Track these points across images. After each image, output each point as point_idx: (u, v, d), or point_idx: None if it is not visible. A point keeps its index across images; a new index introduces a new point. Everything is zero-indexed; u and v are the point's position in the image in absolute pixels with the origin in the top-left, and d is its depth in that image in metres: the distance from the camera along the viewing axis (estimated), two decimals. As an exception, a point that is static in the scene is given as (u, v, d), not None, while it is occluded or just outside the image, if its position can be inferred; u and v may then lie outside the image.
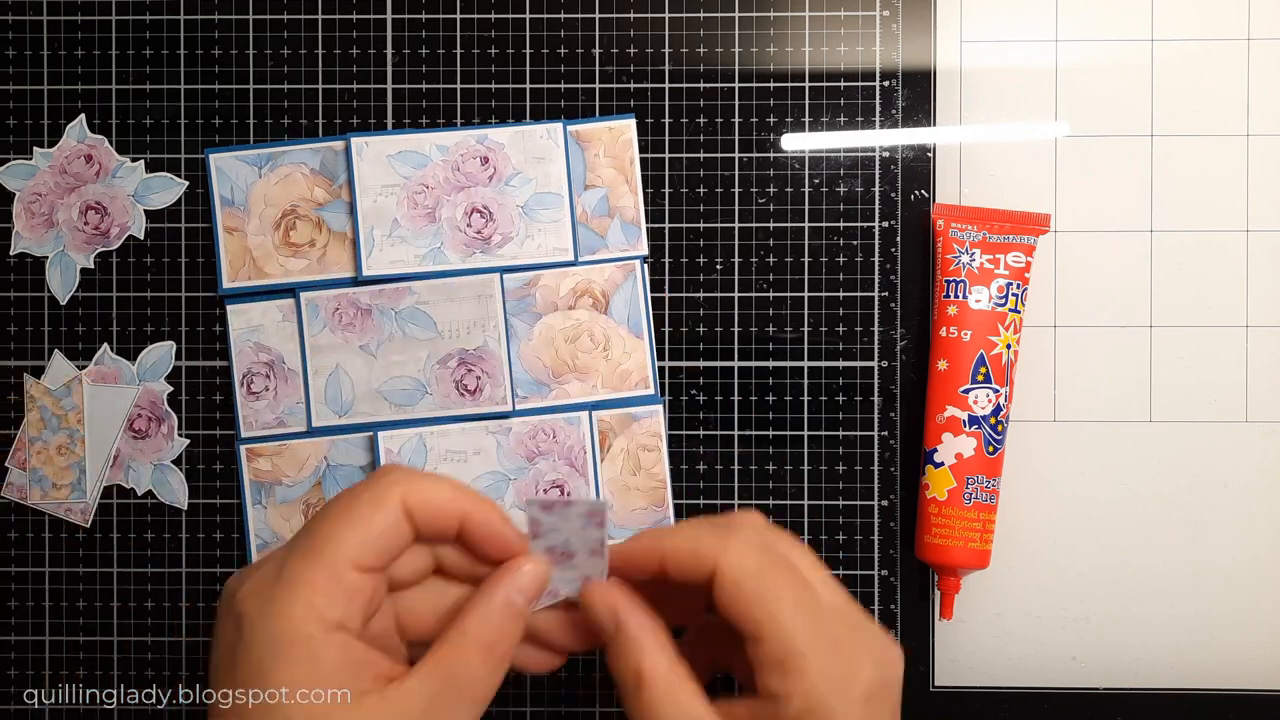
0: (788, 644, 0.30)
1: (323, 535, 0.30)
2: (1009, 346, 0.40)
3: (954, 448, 0.40)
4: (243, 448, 0.42)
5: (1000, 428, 0.40)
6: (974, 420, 0.40)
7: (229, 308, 0.42)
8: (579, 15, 0.43)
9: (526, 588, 0.31)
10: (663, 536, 0.32)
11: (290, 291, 0.42)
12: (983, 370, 0.40)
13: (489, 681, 0.30)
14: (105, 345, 0.43)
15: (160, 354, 0.43)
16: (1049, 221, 0.41)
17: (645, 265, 0.42)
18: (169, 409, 0.43)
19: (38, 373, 0.43)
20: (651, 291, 0.43)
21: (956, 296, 0.40)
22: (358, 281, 0.42)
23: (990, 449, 0.40)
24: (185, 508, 0.43)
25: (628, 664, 0.31)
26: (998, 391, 0.40)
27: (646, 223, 0.42)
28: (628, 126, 0.42)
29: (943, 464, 0.40)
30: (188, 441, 0.43)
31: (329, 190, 0.42)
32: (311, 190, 0.42)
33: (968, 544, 0.40)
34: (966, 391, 0.40)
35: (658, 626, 0.32)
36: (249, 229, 0.42)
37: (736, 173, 0.42)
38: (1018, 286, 0.40)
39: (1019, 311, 0.40)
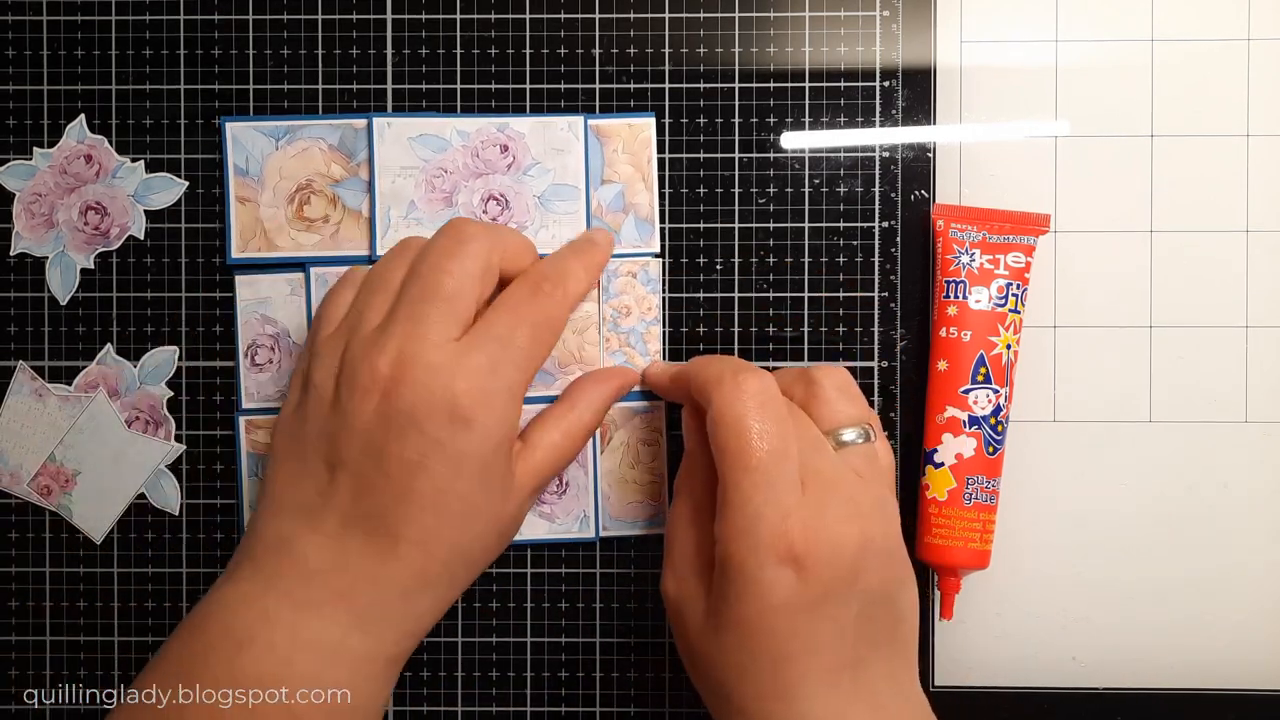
0: (726, 496, 0.33)
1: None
2: (1009, 347, 0.40)
3: (954, 448, 0.40)
4: (242, 419, 0.42)
5: (1000, 428, 0.40)
6: (974, 420, 0.40)
7: (237, 278, 0.42)
8: (579, 15, 0.43)
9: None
10: (692, 365, 0.37)
11: (300, 266, 0.42)
12: (983, 370, 0.40)
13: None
14: (108, 345, 0.43)
15: (163, 358, 0.43)
16: (1049, 222, 0.41)
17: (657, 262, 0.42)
18: (167, 413, 0.43)
19: (39, 373, 0.43)
20: (651, 291, 0.43)
21: (956, 297, 0.40)
22: (371, 261, 0.42)
23: (990, 449, 0.40)
24: (176, 513, 0.43)
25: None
26: (998, 392, 0.40)
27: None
28: (647, 124, 0.42)
29: (943, 464, 0.40)
30: (184, 447, 0.43)
31: (346, 167, 0.42)
32: (329, 166, 0.42)
33: (968, 544, 0.40)
34: (966, 392, 0.40)
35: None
36: (262, 200, 0.42)
37: (736, 173, 0.42)
38: (1018, 287, 0.40)
39: (1019, 312, 0.40)
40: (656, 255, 0.42)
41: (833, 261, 0.43)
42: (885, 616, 0.34)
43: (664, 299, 0.43)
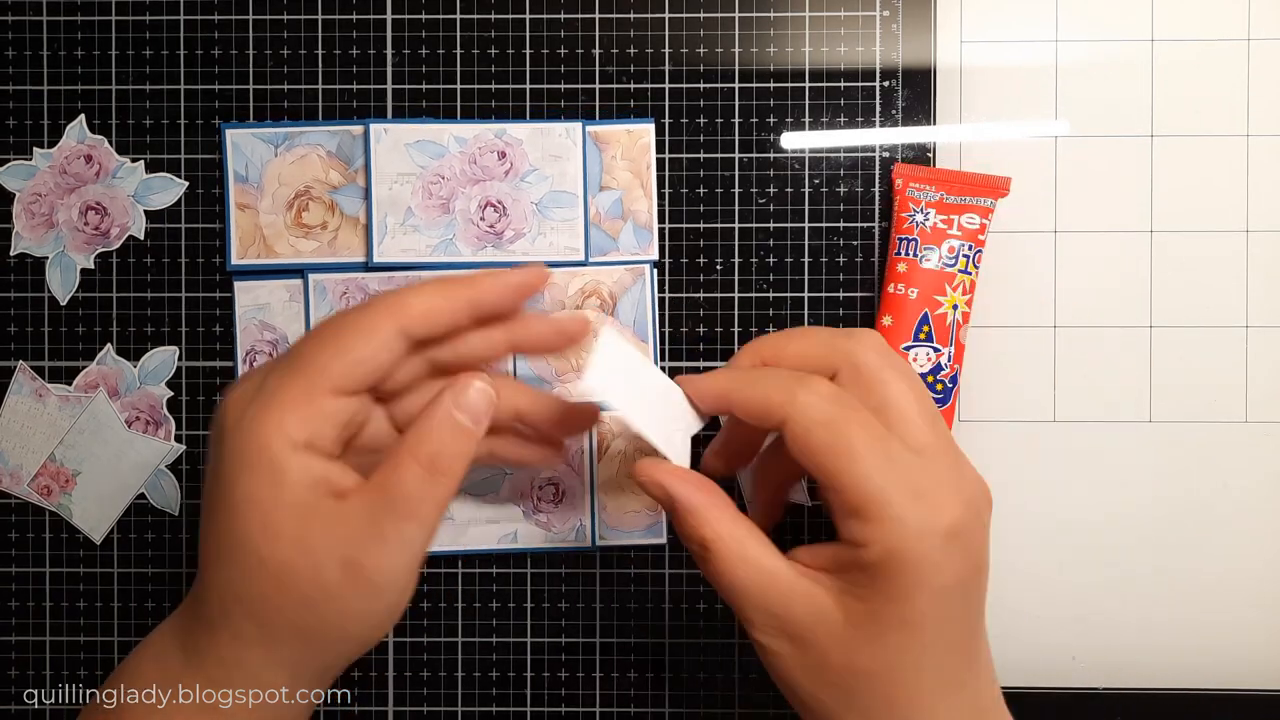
0: (862, 493, 0.30)
1: (305, 358, 0.30)
2: (955, 307, 0.40)
3: None
4: None
5: (940, 387, 0.40)
6: None
7: (236, 284, 0.42)
8: (579, 15, 0.43)
9: (472, 404, 0.31)
10: (733, 386, 0.32)
11: (299, 272, 0.42)
12: (925, 329, 0.40)
13: (431, 498, 0.30)
14: (108, 346, 0.43)
15: (162, 358, 0.43)
16: (1009, 186, 0.41)
17: (655, 270, 0.42)
18: (167, 413, 0.43)
19: (39, 373, 0.43)
20: (651, 292, 0.43)
21: (907, 255, 0.40)
22: (368, 267, 0.42)
23: None
24: (176, 513, 0.43)
25: (691, 534, 0.32)
26: (939, 351, 0.40)
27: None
28: (646, 131, 0.42)
29: None
30: (184, 448, 0.43)
31: (344, 174, 0.42)
32: (327, 173, 0.42)
33: None
34: (908, 349, 0.40)
35: (711, 490, 0.32)
36: (261, 206, 0.42)
37: (737, 173, 0.42)
38: (970, 248, 0.40)
39: (970, 273, 0.40)
40: (655, 262, 0.42)
41: (833, 261, 0.42)
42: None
43: (664, 299, 0.43)
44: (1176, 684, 0.43)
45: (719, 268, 0.43)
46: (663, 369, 0.42)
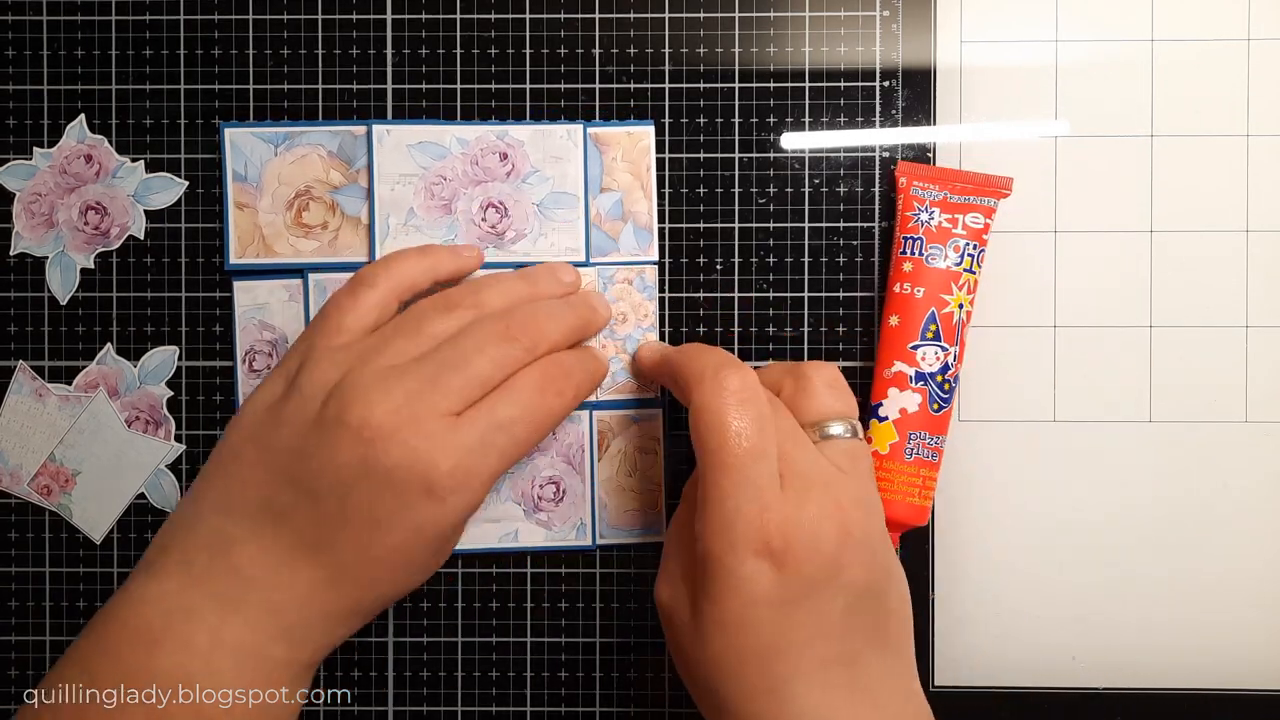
0: (705, 485, 0.33)
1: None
2: (961, 306, 0.40)
3: (898, 403, 0.40)
4: None
5: (947, 386, 0.40)
6: (920, 377, 0.40)
7: (235, 284, 0.42)
8: (579, 15, 0.43)
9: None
10: (677, 355, 0.37)
11: (299, 272, 0.42)
12: (933, 328, 0.40)
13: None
14: (108, 345, 0.43)
15: (163, 358, 0.43)
16: (1011, 185, 0.41)
17: (655, 270, 0.42)
18: (167, 413, 0.43)
19: (39, 373, 0.43)
20: (651, 292, 0.43)
21: (913, 254, 0.40)
22: None
23: (935, 406, 0.40)
24: (184, 508, 0.43)
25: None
26: (946, 350, 0.40)
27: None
28: (646, 133, 0.42)
29: (886, 418, 0.40)
30: (184, 447, 0.43)
31: (345, 174, 0.42)
32: (328, 173, 0.42)
33: (906, 498, 0.39)
34: (915, 348, 0.40)
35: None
36: (260, 206, 0.42)
37: (736, 173, 0.42)
38: (974, 247, 0.40)
39: (974, 272, 0.40)
40: (655, 263, 0.42)
41: (832, 261, 0.43)
42: (873, 611, 0.34)
43: (664, 299, 0.43)
44: (1176, 684, 0.43)
45: (719, 268, 0.43)
46: (663, 369, 0.43)
